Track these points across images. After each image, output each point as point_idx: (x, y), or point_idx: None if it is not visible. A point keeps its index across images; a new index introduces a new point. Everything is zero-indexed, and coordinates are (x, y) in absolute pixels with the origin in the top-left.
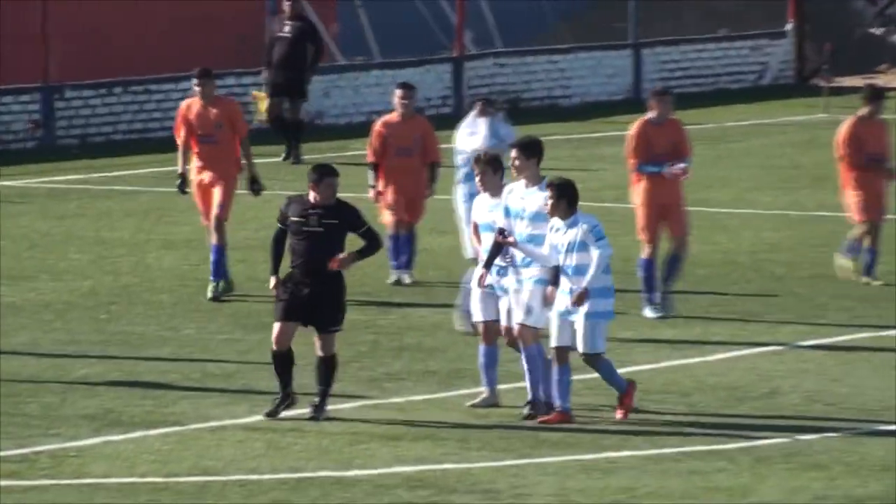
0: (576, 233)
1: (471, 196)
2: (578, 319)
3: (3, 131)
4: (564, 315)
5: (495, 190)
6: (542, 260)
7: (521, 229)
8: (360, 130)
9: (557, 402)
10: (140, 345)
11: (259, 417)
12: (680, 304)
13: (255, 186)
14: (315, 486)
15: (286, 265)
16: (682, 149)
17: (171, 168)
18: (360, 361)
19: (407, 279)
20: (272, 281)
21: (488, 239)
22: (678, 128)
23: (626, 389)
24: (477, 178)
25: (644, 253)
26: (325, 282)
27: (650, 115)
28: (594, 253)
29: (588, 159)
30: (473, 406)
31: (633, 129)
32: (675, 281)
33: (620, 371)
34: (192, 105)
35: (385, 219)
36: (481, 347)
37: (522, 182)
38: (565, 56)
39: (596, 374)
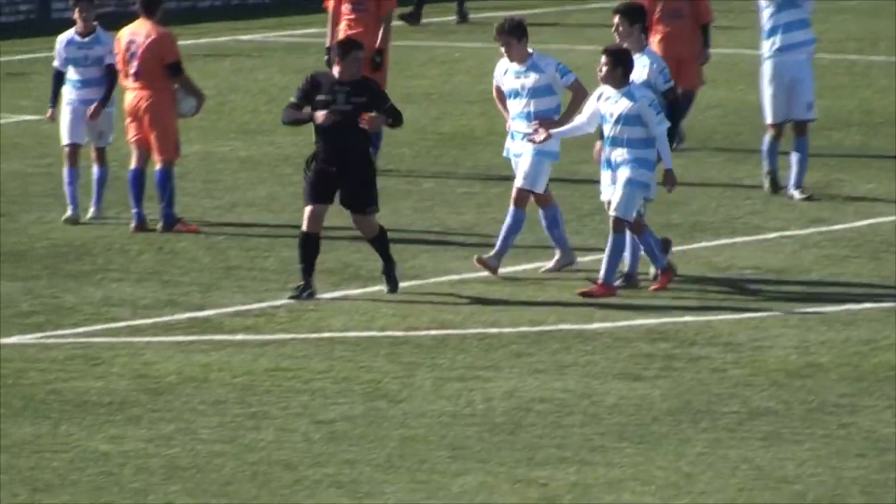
0: (629, 105)
1: (778, 51)
2: (618, 185)
3: None
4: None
5: (521, 58)
6: (579, 130)
7: None
8: None
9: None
10: (380, 198)
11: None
12: None
13: (379, 59)
14: (555, 339)
15: (298, 154)
16: None
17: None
18: (601, 213)
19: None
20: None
21: (514, 106)
22: None
23: (663, 268)
24: (502, 49)
25: None
26: (353, 161)
27: None
28: (656, 128)
29: (830, 11)
30: (549, 271)
31: None
32: None
33: (869, 222)
34: None
35: None
36: (540, 212)
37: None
38: None
39: (837, 227)
